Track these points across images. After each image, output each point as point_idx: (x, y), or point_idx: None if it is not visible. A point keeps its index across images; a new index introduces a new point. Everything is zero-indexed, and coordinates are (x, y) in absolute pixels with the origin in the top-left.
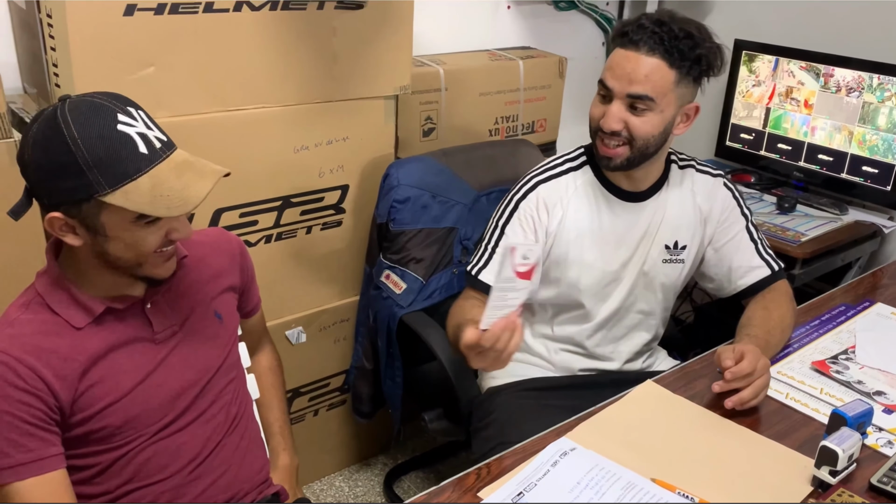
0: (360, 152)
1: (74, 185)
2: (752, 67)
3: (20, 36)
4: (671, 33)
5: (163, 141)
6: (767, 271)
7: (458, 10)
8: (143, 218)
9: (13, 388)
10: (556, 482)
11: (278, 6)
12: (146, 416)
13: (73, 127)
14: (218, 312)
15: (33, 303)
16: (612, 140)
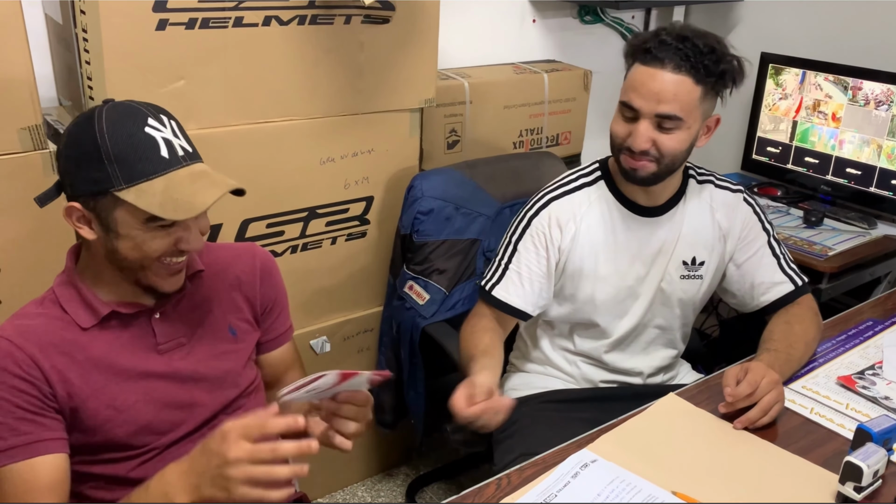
0: (384, 164)
1: (94, 176)
2: (778, 80)
3: (56, 49)
4: (696, 49)
5: (187, 151)
6: (790, 287)
7: (483, 24)
8: (153, 221)
9: (9, 375)
10: (577, 494)
11: (306, 21)
12: (153, 427)
13: (104, 122)
14: (233, 328)
15: (47, 300)
16: (640, 156)
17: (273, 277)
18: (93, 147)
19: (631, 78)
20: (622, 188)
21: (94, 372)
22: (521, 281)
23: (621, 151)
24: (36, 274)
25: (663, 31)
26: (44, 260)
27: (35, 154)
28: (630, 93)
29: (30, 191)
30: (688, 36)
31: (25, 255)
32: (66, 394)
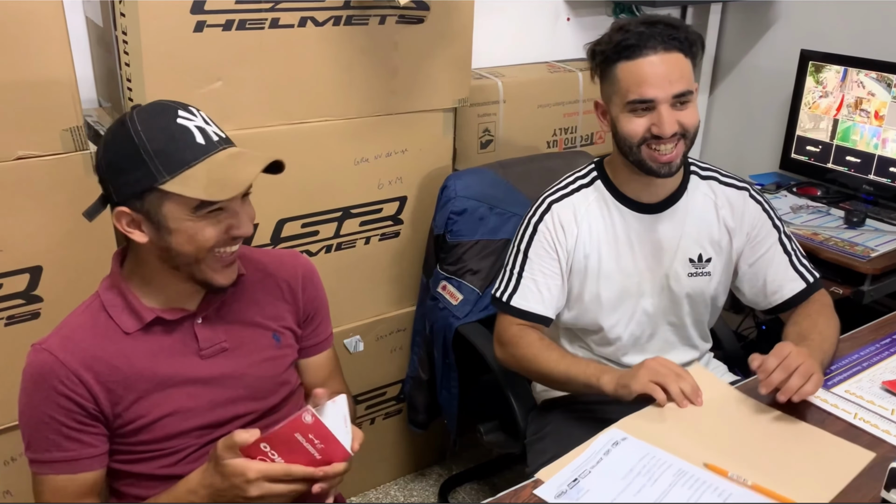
0: (418, 164)
1: (137, 175)
2: (818, 78)
3: (96, 52)
4: (670, 27)
5: (221, 136)
6: (802, 284)
7: (517, 23)
8: (201, 208)
9: (55, 393)
10: (610, 469)
11: (341, 21)
12: (193, 431)
13: (137, 122)
14: (276, 334)
15: (92, 305)
16: (668, 144)
17: (315, 285)
18: (131, 148)
19: (628, 76)
20: (621, 186)
21: (137, 379)
22: (537, 287)
23: (642, 146)
24: (77, 272)
25: (629, 25)
26: (85, 259)
27: (76, 155)
28: (639, 88)
29: (71, 190)
30: (655, 20)
31: (67, 253)
32: (110, 402)
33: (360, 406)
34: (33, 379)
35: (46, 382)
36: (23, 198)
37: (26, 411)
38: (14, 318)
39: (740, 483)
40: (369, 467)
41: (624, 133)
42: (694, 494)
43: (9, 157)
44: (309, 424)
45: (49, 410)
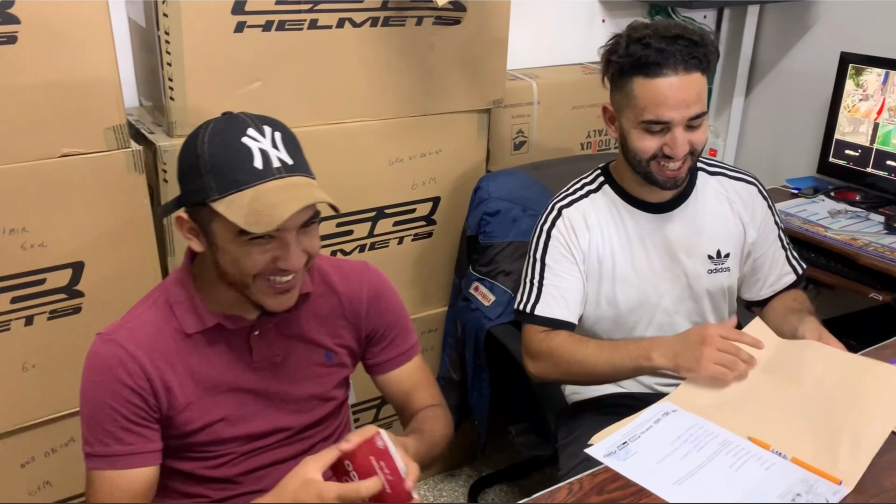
0: (452, 165)
1: (194, 187)
2: (858, 81)
3: (138, 52)
4: (693, 44)
5: (285, 163)
6: (793, 277)
7: (552, 25)
8: (244, 234)
9: (120, 385)
10: (659, 436)
11: (378, 22)
12: (237, 438)
13: (206, 133)
14: (329, 352)
15: (159, 300)
16: (677, 161)
17: (382, 302)
18: (194, 158)
19: (646, 95)
20: (628, 188)
21: (190, 382)
22: (560, 294)
23: (651, 162)
24: (118, 268)
25: (648, 38)
26: (125, 255)
27: (119, 153)
28: (655, 109)
29: (113, 188)
30: (679, 34)
31: (108, 250)
32: (167, 403)
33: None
34: (100, 369)
35: (113, 373)
36: (66, 194)
37: (89, 402)
38: (57, 312)
39: (780, 457)
40: None
41: (635, 149)
42: (737, 462)
43: (53, 155)
44: (381, 450)
45: (112, 401)
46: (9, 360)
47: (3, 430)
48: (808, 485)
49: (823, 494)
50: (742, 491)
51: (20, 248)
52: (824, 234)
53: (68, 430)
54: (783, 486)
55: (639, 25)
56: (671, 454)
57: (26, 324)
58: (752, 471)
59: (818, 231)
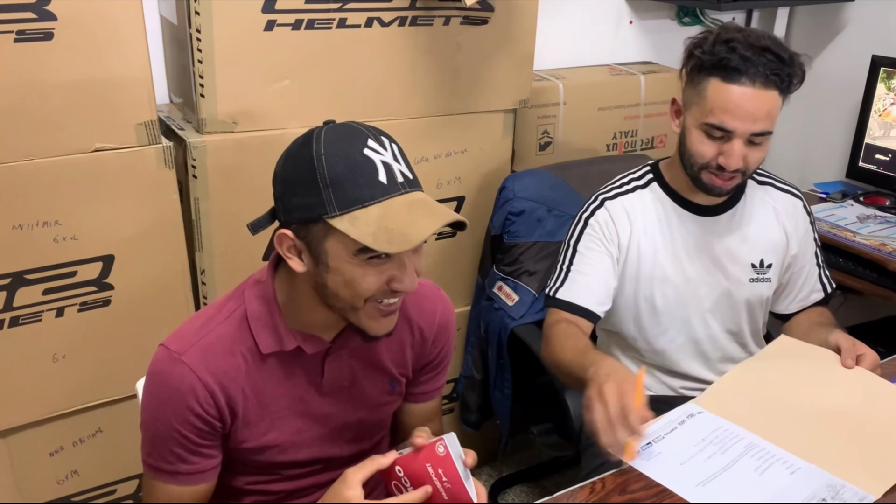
0: (477, 165)
1: (308, 201)
2: (890, 85)
3: (169, 49)
4: (780, 60)
5: (406, 177)
6: (822, 294)
7: (579, 26)
8: (364, 252)
9: (190, 413)
10: (683, 437)
11: (406, 22)
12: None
13: (321, 143)
14: (394, 381)
15: (236, 313)
16: (727, 174)
17: (448, 334)
18: (308, 170)
19: (717, 97)
20: (678, 188)
21: (255, 403)
22: (585, 280)
23: (705, 169)
24: (147, 262)
25: (736, 42)
26: (154, 249)
27: (150, 148)
28: (722, 115)
29: (143, 183)
30: (768, 47)
31: (138, 243)
32: (231, 423)
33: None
34: (169, 391)
35: (183, 399)
36: (98, 189)
37: (154, 420)
38: (87, 304)
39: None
40: None
41: (691, 150)
42: (762, 466)
43: (87, 149)
44: (441, 457)
45: (181, 426)
46: (39, 350)
47: (33, 420)
48: (833, 490)
49: (849, 500)
50: (767, 494)
51: (52, 240)
52: (853, 240)
53: (96, 420)
54: (808, 491)
55: (732, 27)
56: (695, 455)
57: (57, 315)
58: (777, 474)
59: (846, 236)
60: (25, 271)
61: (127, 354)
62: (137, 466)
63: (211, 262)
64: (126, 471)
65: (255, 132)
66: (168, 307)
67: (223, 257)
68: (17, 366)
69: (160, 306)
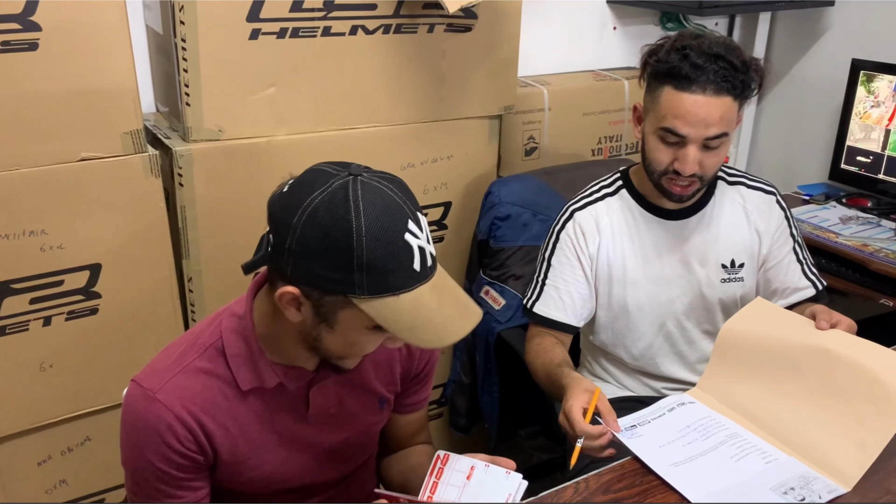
0: (463, 170)
1: (335, 276)
2: (870, 88)
3: (155, 58)
4: (733, 67)
5: (433, 257)
6: (812, 291)
7: (563, 32)
8: (380, 328)
9: (168, 449)
10: (669, 423)
11: (391, 30)
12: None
13: (363, 221)
14: (382, 400)
15: (212, 348)
16: (684, 180)
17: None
18: (345, 247)
19: (670, 104)
20: (646, 194)
21: (240, 440)
22: (559, 294)
23: (664, 175)
24: (134, 270)
25: (689, 50)
26: (141, 257)
27: (136, 157)
28: (674, 120)
29: (130, 191)
30: (721, 54)
31: (124, 252)
32: (215, 459)
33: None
34: (144, 431)
35: (160, 437)
36: (85, 198)
37: (133, 459)
38: (74, 312)
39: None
40: None
41: (650, 157)
42: (739, 454)
43: (72, 159)
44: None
45: (160, 463)
46: (27, 359)
47: (21, 429)
48: (804, 481)
49: (818, 492)
50: (736, 480)
51: (39, 249)
52: (835, 241)
53: (84, 429)
54: (778, 480)
55: (687, 34)
56: (677, 440)
57: (44, 324)
58: (752, 463)
59: (829, 237)
60: (12, 280)
61: (115, 362)
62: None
63: (198, 270)
64: (115, 479)
65: (241, 140)
66: (155, 315)
67: (210, 265)
68: (5, 375)
69: (148, 314)
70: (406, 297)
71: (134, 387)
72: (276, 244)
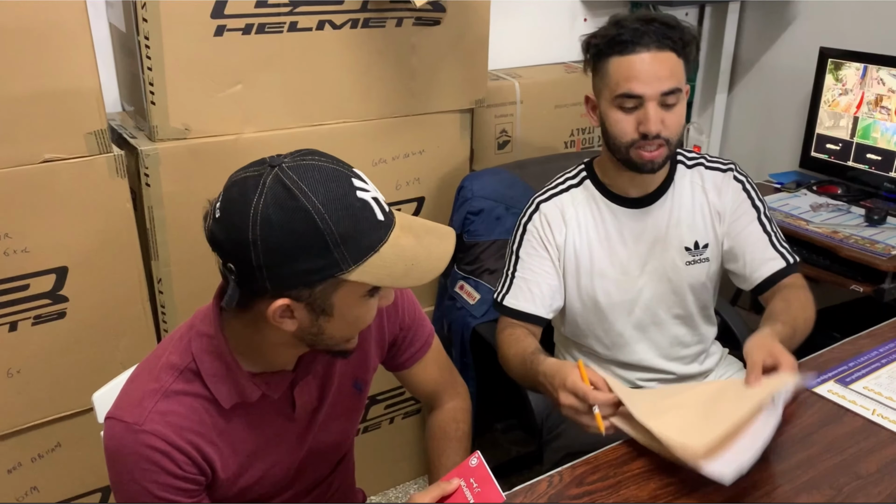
0: (435, 165)
1: (317, 265)
2: (838, 76)
3: (120, 57)
4: (666, 26)
5: (387, 203)
6: (782, 263)
7: (533, 24)
8: (372, 291)
9: (169, 476)
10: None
11: (359, 24)
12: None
13: (315, 199)
14: (358, 382)
15: (187, 370)
16: (652, 144)
17: (397, 307)
18: (314, 232)
19: (619, 71)
20: (610, 184)
21: (231, 455)
22: (528, 286)
23: (631, 147)
24: (102, 272)
25: (623, 20)
26: (109, 259)
27: (101, 157)
28: (628, 83)
29: (95, 192)
30: (651, 18)
31: (92, 254)
32: (212, 476)
33: (379, 405)
34: (139, 465)
35: (159, 467)
36: (49, 200)
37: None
38: (41, 317)
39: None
40: (389, 467)
41: (613, 132)
42: None
43: (35, 161)
44: (473, 468)
45: (164, 493)
46: None
47: None
48: None
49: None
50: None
51: (3, 253)
52: (806, 228)
53: (54, 435)
54: None
55: (620, 14)
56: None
57: (10, 329)
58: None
59: (800, 225)
60: None
61: (84, 366)
62: (99, 480)
63: (168, 271)
64: (87, 485)
65: (208, 138)
66: (125, 317)
67: (180, 266)
68: None
69: (117, 317)
70: (386, 248)
71: (114, 424)
72: (240, 268)
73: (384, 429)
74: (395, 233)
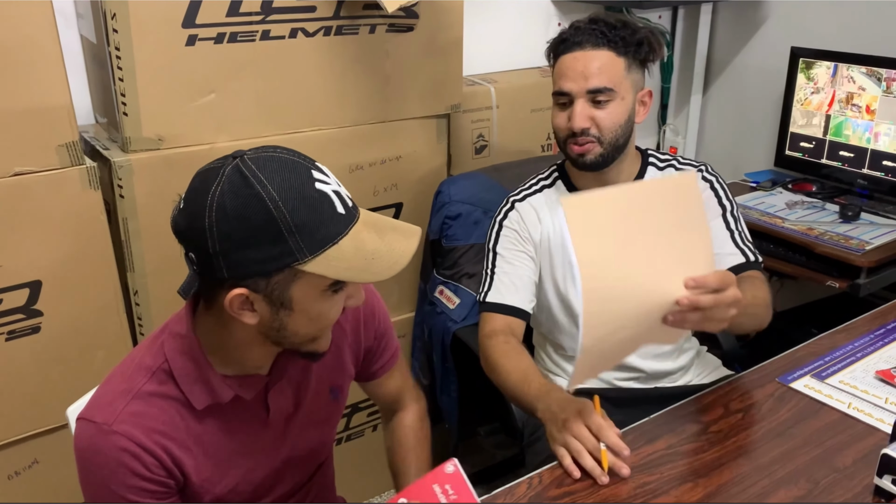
0: (413, 171)
1: (271, 253)
2: (809, 75)
3: (91, 68)
4: (609, 25)
5: (351, 199)
6: (741, 258)
7: (508, 29)
8: (334, 286)
9: (138, 478)
10: None
11: (332, 32)
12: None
13: (270, 187)
14: (335, 390)
15: (160, 370)
16: (581, 139)
17: (375, 313)
18: (268, 220)
19: (557, 69)
20: (578, 184)
21: (204, 460)
22: (510, 280)
23: (567, 141)
24: (76, 286)
25: (575, 23)
26: (84, 272)
27: (73, 170)
28: (559, 81)
29: (68, 205)
30: (600, 18)
31: (66, 267)
32: (184, 480)
33: (361, 413)
34: (107, 466)
35: (128, 469)
36: (21, 213)
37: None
38: (15, 332)
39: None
40: (372, 473)
41: (553, 128)
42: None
43: (6, 174)
44: (449, 475)
45: (134, 496)
46: None
47: None
48: None
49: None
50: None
51: None
52: (782, 226)
53: (32, 451)
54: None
55: (580, 19)
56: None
57: None
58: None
59: (776, 222)
60: None
61: (61, 381)
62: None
63: (144, 283)
64: (66, 500)
65: (181, 148)
66: (102, 330)
67: (156, 277)
68: None
69: (94, 330)
70: (346, 241)
71: (84, 425)
72: (199, 256)
73: (367, 437)
74: (356, 227)
